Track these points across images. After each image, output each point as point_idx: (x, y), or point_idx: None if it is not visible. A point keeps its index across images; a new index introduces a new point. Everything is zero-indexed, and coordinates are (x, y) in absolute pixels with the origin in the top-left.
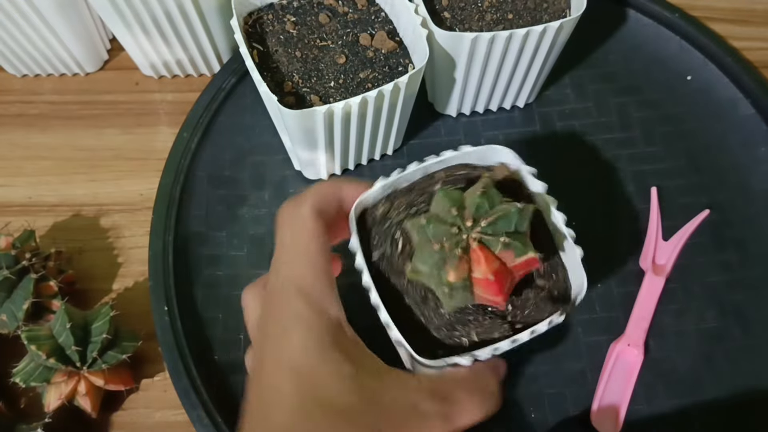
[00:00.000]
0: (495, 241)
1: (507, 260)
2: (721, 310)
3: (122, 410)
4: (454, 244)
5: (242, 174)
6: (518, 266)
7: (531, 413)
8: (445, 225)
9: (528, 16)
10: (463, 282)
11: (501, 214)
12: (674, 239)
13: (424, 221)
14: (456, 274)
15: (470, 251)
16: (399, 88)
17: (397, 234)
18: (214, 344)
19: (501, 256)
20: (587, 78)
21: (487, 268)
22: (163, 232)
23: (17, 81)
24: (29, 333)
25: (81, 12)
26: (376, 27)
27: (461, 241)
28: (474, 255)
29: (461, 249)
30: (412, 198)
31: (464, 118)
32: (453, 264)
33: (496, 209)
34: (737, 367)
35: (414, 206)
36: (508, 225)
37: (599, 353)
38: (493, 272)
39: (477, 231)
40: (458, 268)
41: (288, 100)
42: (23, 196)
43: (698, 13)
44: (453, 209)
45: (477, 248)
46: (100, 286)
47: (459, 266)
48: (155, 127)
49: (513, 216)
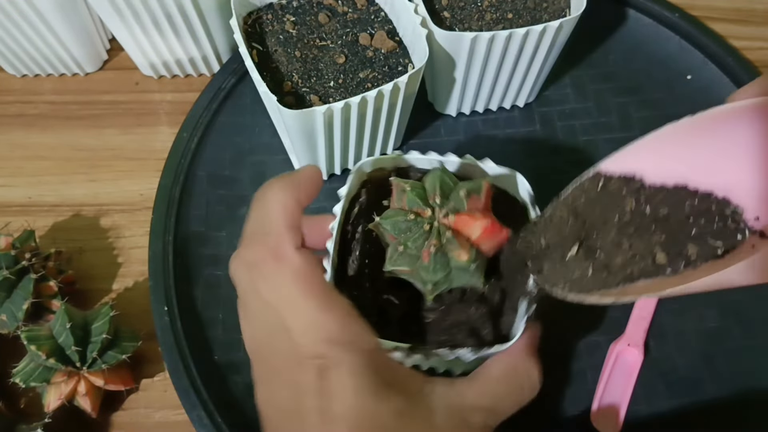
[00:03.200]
0: (458, 201)
1: (477, 205)
2: (721, 310)
3: (122, 410)
4: (438, 236)
5: (242, 174)
6: (486, 201)
7: (531, 413)
8: (419, 225)
9: (528, 16)
10: (474, 251)
11: (438, 184)
12: None
13: (397, 216)
14: (465, 251)
15: (454, 227)
16: (399, 87)
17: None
18: (214, 344)
19: (471, 205)
20: (587, 78)
21: (477, 222)
22: (163, 232)
23: (17, 81)
24: (29, 333)
25: (81, 12)
26: (375, 27)
27: (441, 229)
28: (459, 225)
29: (449, 232)
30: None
31: (464, 117)
32: (455, 247)
33: (428, 189)
34: (737, 367)
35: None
36: (448, 186)
37: (599, 353)
38: (482, 219)
39: (439, 211)
40: (461, 245)
41: (287, 100)
42: (23, 196)
43: (698, 13)
44: (408, 216)
45: (455, 219)
46: (100, 286)
47: (461, 243)
48: (155, 127)
49: (443, 177)
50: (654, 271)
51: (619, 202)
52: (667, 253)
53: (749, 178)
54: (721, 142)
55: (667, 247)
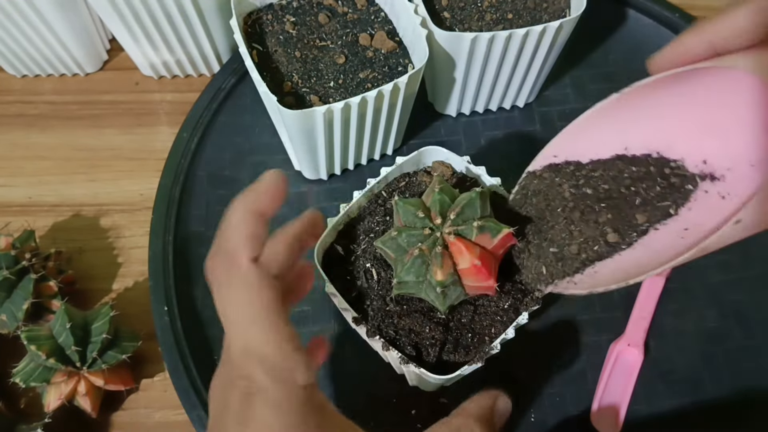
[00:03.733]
0: (469, 228)
1: (485, 243)
2: (721, 310)
3: (122, 410)
4: (431, 244)
5: (242, 174)
6: (497, 246)
7: (531, 413)
8: (415, 230)
9: (528, 16)
10: (452, 277)
11: (464, 202)
12: None
13: (394, 233)
14: (443, 271)
15: (449, 246)
16: (399, 88)
17: (367, 264)
18: (214, 344)
19: (479, 241)
20: (587, 78)
21: (470, 256)
22: (163, 232)
23: (17, 81)
24: (29, 333)
25: (81, 12)
26: (375, 27)
27: (437, 240)
28: (454, 248)
29: (440, 247)
30: (366, 224)
31: (464, 117)
32: (438, 263)
33: (457, 201)
34: (737, 367)
35: (372, 232)
36: (474, 211)
37: (599, 353)
38: (477, 257)
39: (448, 226)
40: (444, 265)
41: (287, 100)
42: (23, 196)
43: (698, 13)
44: (419, 212)
45: (455, 241)
46: (100, 286)
47: (444, 263)
48: (155, 127)
49: (475, 201)
50: (610, 251)
51: (558, 191)
52: (616, 230)
53: (682, 128)
54: (649, 109)
55: (615, 224)
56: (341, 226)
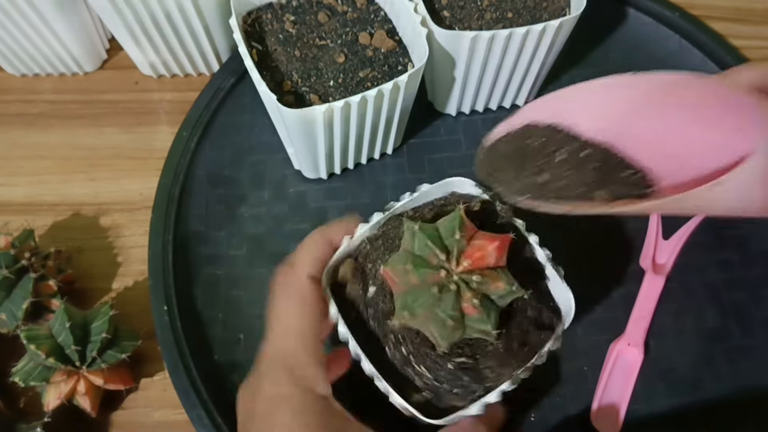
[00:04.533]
0: (459, 243)
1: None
2: (721, 309)
3: (122, 410)
4: (446, 283)
5: (242, 173)
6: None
7: (531, 413)
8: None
9: (527, 15)
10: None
11: (481, 255)
12: (674, 238)
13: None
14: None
15: (473, 262)
16: (398, 87)
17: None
18: (213, 344)
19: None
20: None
21: (493, 244)
22: (163, 232)
23: (17, 80)
24: (28, 332)
25: (80, 12)
26: (375, 26)
27: (451, 281)
28: (475, 255)
29: (455, 285)
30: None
31: (464, 117)
32: (451, 299)
33: (474, 247)
34: (737, 367)
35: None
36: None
37: (599, 353)
38: (491, 239)
39: (462, 270)
40: (456, 301)
41: (287, 99)
42: (23, 195)
43: (698, 12)
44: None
45: (469, 251)
46: (100, 285)
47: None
48: (155, 127)
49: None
50: (590, 201)
51: (554, 142)
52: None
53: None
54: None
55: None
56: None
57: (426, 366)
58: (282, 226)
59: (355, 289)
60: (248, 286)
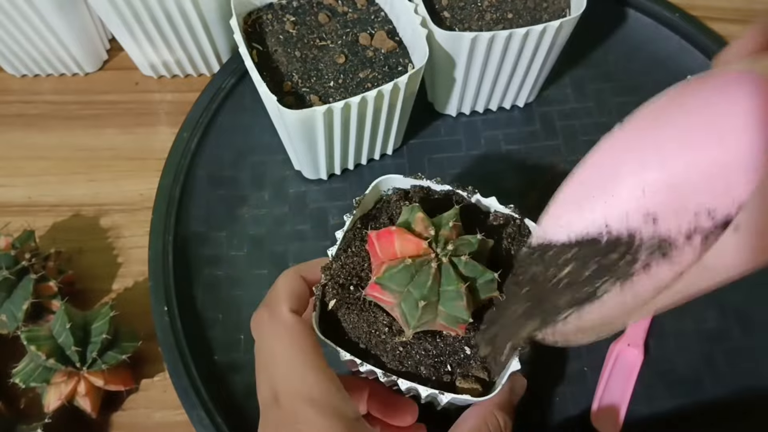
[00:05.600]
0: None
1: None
2: (721, 310)
3: (122, 410)
4: (429, 261)
5: (242, 174)
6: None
7: (531, 413)
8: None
9: (528, 16)
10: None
11: (463, 242)
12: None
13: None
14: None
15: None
16: (399, 87)
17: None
18: (214, 344)
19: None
20: (587, 78)
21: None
22: (163, 232)
23: (17, 81)
24: (29, 333)
25: (80, 12)
26: (375, 26)
27: (432, 259)
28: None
29: (435, 265)
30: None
31: (464, 117)
32: (428, 277)
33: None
34: (737, 367)
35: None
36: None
37: (599, 353)
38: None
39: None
40: (433, 282)
41: (287, 100)
42: (23, 196)
43: (698, 13)
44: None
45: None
46: (100, 286)
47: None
48: (155, 127)
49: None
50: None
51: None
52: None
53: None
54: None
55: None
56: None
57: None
58: (282, 227)
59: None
60: (248, 286)
